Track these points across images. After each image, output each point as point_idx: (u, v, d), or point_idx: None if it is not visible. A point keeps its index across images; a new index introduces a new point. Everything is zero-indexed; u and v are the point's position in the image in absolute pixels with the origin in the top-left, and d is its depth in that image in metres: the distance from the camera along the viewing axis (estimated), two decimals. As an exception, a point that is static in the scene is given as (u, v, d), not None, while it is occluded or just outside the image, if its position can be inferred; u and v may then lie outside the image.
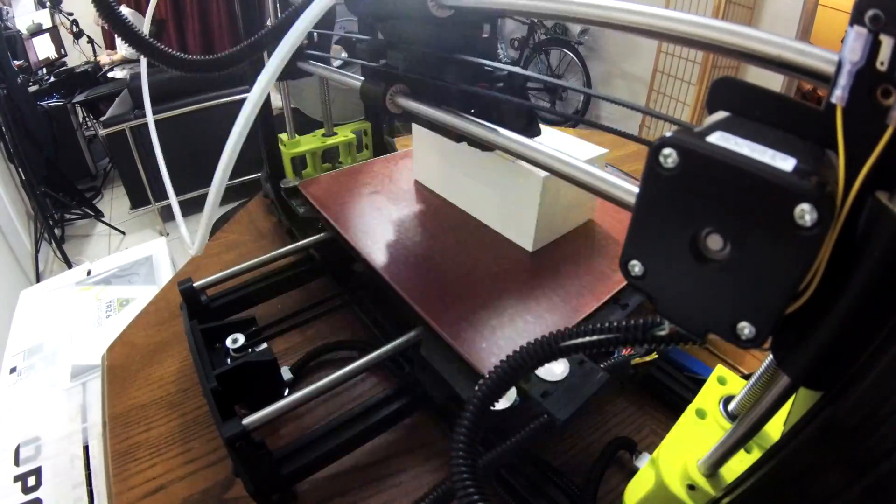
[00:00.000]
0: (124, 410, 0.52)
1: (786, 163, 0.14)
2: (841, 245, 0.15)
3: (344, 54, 0.70)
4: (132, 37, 0.37)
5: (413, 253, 0.52)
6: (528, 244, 0.53)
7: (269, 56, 0.31)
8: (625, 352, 0.41)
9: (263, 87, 0.30)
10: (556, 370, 0.36)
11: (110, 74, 2.72)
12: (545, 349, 0.23)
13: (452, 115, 0.36)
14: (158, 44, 0.40)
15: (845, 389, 0.16)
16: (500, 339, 0.41)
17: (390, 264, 0.50)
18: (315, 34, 0.61)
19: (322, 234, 0.59)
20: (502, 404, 0.35)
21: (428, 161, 0.64)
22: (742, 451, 0.25)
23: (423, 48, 0.40)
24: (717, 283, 0.17)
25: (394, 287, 0.47)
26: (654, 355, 0.41)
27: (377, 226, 0.56)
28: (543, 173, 0.46)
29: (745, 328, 0.16)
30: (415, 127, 0.60)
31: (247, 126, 0.30)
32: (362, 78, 0.49)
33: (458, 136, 0.38)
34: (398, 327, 0.49)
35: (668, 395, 0.47)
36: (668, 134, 0.16)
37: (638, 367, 0.41)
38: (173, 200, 0.44)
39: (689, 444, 0.28)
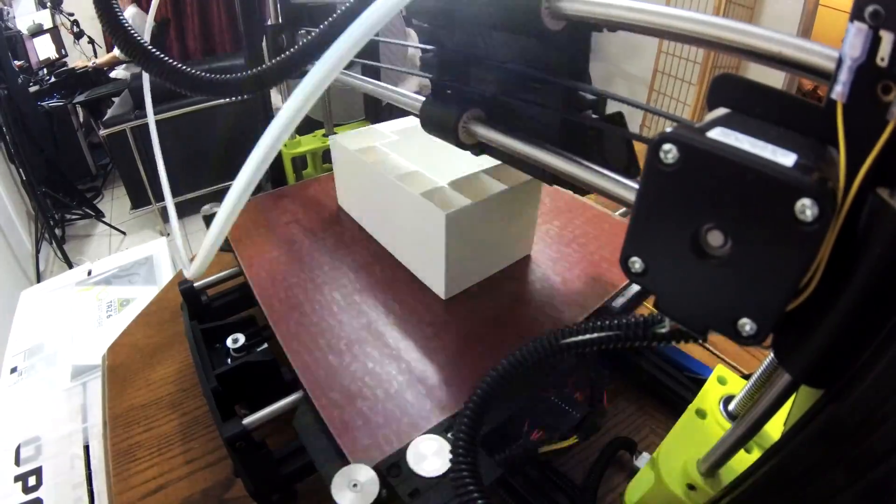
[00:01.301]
0: (124, 410, 0.52)
1: (787, 158, 0.14)
2: (842, 242, 0.15)
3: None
4: (143, 57, 0.31)
5: (313, 300, 0.46)
6: (440, 290, 0.46)
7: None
8: (534, 436, 0.36)
9: (292, 114, 0.21)
10: (432, 464, 0.30)
11: (112, 74, 2.72)
12: (546, 347, 0.23)
13: (546, 150, 0.30)
14: (180, 65, 0.33)
15: (846, 387, 0.16)
16: (380, 416, 0.35)
17: (284, 312, 0.45)
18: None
19: (235, 269, 0.55)
20: (365, 500, 0.29)
21: (348, 188, 0.59)
22: (742, 451, 0.25)
23: (518, 67, 0.32)
24: (718, 279, 0.16)
25: (279, 339, 0.42)
26: (574, 439, 0.37)
27: (282, 264, 0.51)
28: (446, 209, 0.41)
29: (747, 325, 0.16)
30: (333, 151, 0.55)
31: (265, 162, 0.22)
32: (371, 80, 0.49)
33: (551, 176, 0.31)
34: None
35: (668, 395, 0.47)
36: (669, 129, 0.16)
37: (551, 454, 0.37)
38: (172, 216, 0.41)
39: (689, 444, 0.28)
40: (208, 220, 0.59)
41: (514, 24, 0.29)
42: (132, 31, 0.31)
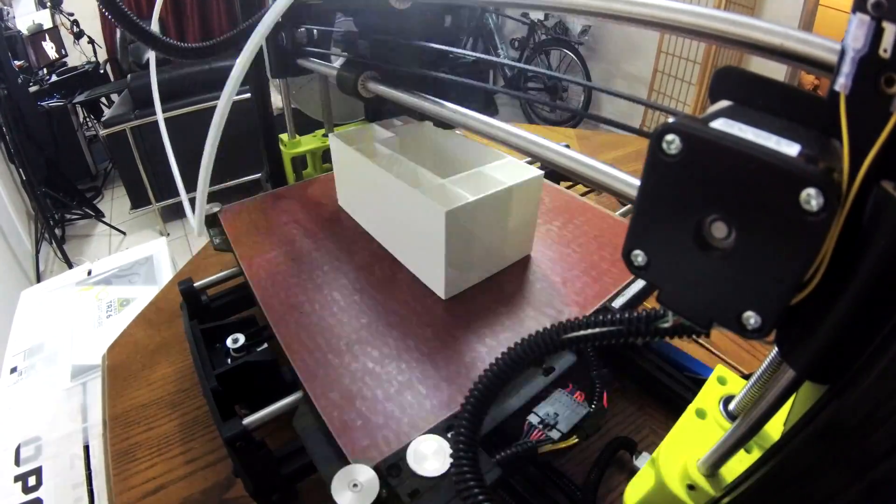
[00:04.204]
0: (124, 410, 0.52)
1: (791, 148, 0.14)
2: (846, 236, 0.15)
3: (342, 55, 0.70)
4: (129, 23, 0.42)
5: (313, 299, 0.46)
6: (439, 290, 0.45)
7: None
8: (534, 436, 0.36)
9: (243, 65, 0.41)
10: (433, 464, 0.30)
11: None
12: (547, 342, 0.23)
13: (417, 97, 0.40)
14: (151, 30, 0.44)
15: (850, 384, 0.16)
16: (379, 416, 0.35)
17: (283, 312, 0.45)
18: (315, 32, 0.61)
19: (235, 269, 0.55)
20: (366, 498, 0.29)
21: (348, 188, 0.59)
22: (742, 451, 0.25)
23: (387, 37, 0.44)
24: (722, 271, 0.16)
25: (279, 339, 0.42)
26: (575, 439, 0.36)
27: (281, 264, 0.51)
28: (447, 206, 0.41)
29: (751, 318, 0.16)
30: (333, 149, 0.57)
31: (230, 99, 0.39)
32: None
33: (420, 115, 0.41)
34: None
35: (668, 395, 0.47)
36: (672, 120, 0.16)
37: (551, 454, 0.36)
38: (181, 187, 0.46)
39: (689, 444, 0.28)
40: (208, 219, 0.59)
41: (376, 6, 0.43)
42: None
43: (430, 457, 0.31)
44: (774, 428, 0.26)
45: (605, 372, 0.41)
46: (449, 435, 0.32)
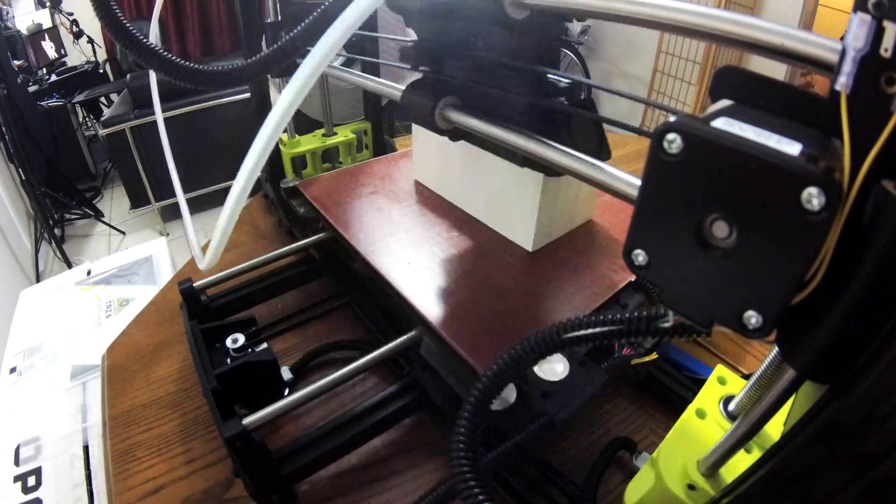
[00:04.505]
0: (124, 410, 0.52)
1: (792, 147, 0.14)
2: (846, 235, 0.15)
3: (342, 56, 0.70)
4: (142, 50, 0.31)
5: (412, 253, 0.51)
6: (527, 244, 0.52)
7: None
8: (624, 351, 0.41)
9: (288, 106, 0.22)
10: (556, 369, 0.36)
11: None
12: (547, 342, 0.23)
13: (517, 133, 0.31)
14: (174, 57, 0.34)
15: (850, 383, 0.16)
16: (498, 339, 0.40)
17: (389, 265, 0.50)
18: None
19: (322, 234, 0.59)
20: (502, 404, 0.35)
21: (427, 161, 0.63)
22: (742, 451, 0.25)
23: (488, 55, 0.34)
24: (723, 271, 0.16)
25: (393, 286, 0.47)
26: (654, 355, 0.41)
27: (376, 226, 0.56)
28: (542, 174, 0.46)
29: (752, 317, 0.16)
30: (415, 127, 0.60)
31: (266, 152, 0.23)
32: (368, 76, 0.49)
33: (522, 158, 0.36)
34: (397, 327, 0.49)
35: (668, 395, 0.47)
36: (673, 119, 0.16)
37: (638, 367, 0.41)
38: (181, 201, 0.43)
39: (689, 444, 0.28)
40: (288, 191, 0.64)
41: (480, 14, 0.31)
42: (134, 31, 0.31)
43: (552, 364, 0.36)
44: (774, 428, 0.26)
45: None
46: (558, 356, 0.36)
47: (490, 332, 0.41)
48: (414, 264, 0.50)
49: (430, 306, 0.44)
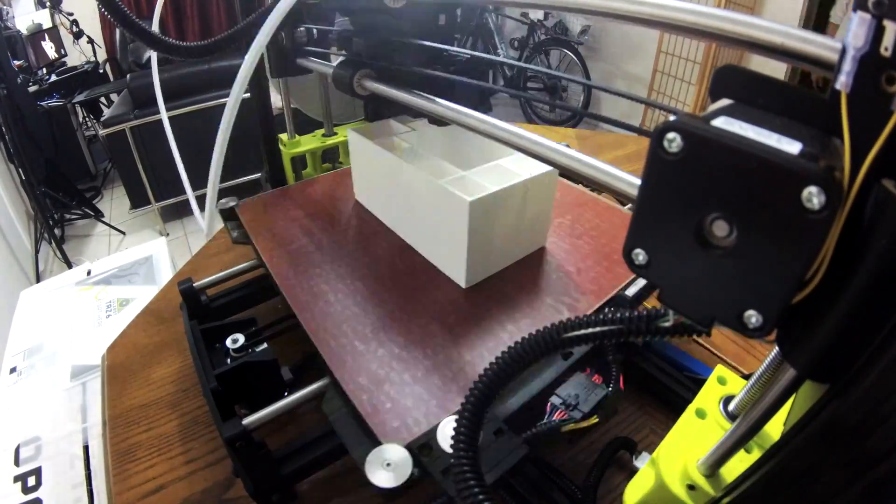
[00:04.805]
0: (124, 410, 0.52)
1: (792, 146, 0.14)
2: (847, 234, 0.15)
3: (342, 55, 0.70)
4: (129, 23, 0.41)
5: (336, 289, 0.47)
6: (460, 279, 0.47)
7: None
8: (557, 415, 0.38)
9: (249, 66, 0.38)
10: None
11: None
12: (547, 341, 0.23)
13: (413, 94, 0.39)
14: (163, 37, 0.45)
15: (851, 383, 0.16)
16: (408, 398, 0.36)
17: (307, 301, 0.46)
18: (315, 31, 0.61)
19: (253, 261, 0.56)
20: (397, 480, 0.30)
21: (365, 181, 0.59)
22: (742, 451, 0.25)
23: (381, 35, 0.45)
24: (723, 270, 0.16)
25: (305, 327, 0.43)
26: (594, 419, 0.38)
27: (304, 255, 0.52)
28: (470, 196, 0.42)
29: (753, 317, 0.16)
30: (351, 143, 0.58)
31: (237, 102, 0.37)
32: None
33: (416, 113, 0.43)
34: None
35: (668, 395, 0.47)
36: (673, 118, 0.16)
37: (573, 432, 0.38)
38: (187, 185, 0.46)
39: (689, 444, 0.28)
40: (224, 213, 0.60)
41: (371, 4, 0.43)
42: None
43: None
44: (774, 428, 0.26)
45: (620, 356, 0.44)
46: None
47: (398, 391, 0.37)
48: (334, 303, 0.45)
49: (339, 356, 0.40)
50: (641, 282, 0.45)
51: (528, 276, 0.48)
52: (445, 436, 0.32)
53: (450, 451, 0.29)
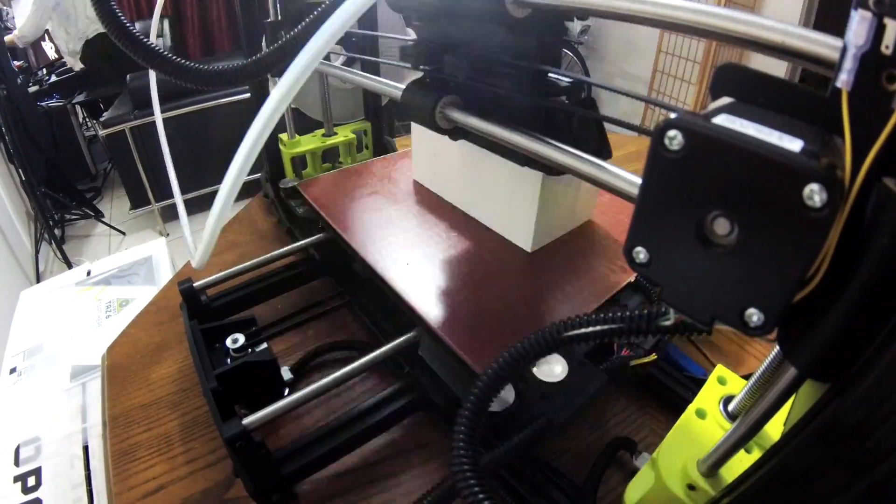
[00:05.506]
0: (124, 410, 0.51)
1: (793, 144, 0.14)
2: (848, 233, 0.15)
3: (342, 56, 0.70)
4: (145, 52, 0.32)
5: (411, 254, 0.51)
6: (526, 245, 0.52)
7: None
8: (624, 352, 0.40)
9: (279, 100, 0.23)
10: (555, 370, 0.35)
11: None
12: (547, 340, 0.23)
13: (518, 132, 0.31)
14: (173, 56, 0.34)
15: (852, 382, 0.16)
16: (497, 339, 0.40)
17: (388, 265, 0.49)
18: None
19: (321, 235, 0.59)
20: (500, 405, 0.35)
21: (427, 161, 0.63)
22: (742, 451, 0.25)
23: (490, 53, 0.34)
24: (725, 268, 0.16)
25: (392, 287, 0.46)
26: (654, 356, 0.40)
27: (375, 227, 0.56)
28: (541, 173, 0.46)
29: (754, 315, 0.16)
30: (414, 126, 0.60)
31: (257, 145, 0.24)
32: (368, 75, 0.49)
33: (523, 157, 0.35)
34: (397, 327, 0.49)
35: (668, 395, 0.47)
36: (674, 116, 0.16)
37: (637, 368, 0.41)
38: (179, 204, 0.43)
39: (689, 444, 0.28)
40: (287, 191, 0.64)
41: (481, 13, 0.31)
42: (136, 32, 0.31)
43: (551, 364, 0.36)
44: (774, 428, 0.26)
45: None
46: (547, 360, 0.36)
47: (489, 334, 0.41)
48: (412, 265, 0.50)
49: (429, 307, 0.44)
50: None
51: (580, 244, 0.54)
52: (537, 367, 0.36)
53: (544, 379, 0.34)
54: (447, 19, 0.36)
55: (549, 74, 0.33)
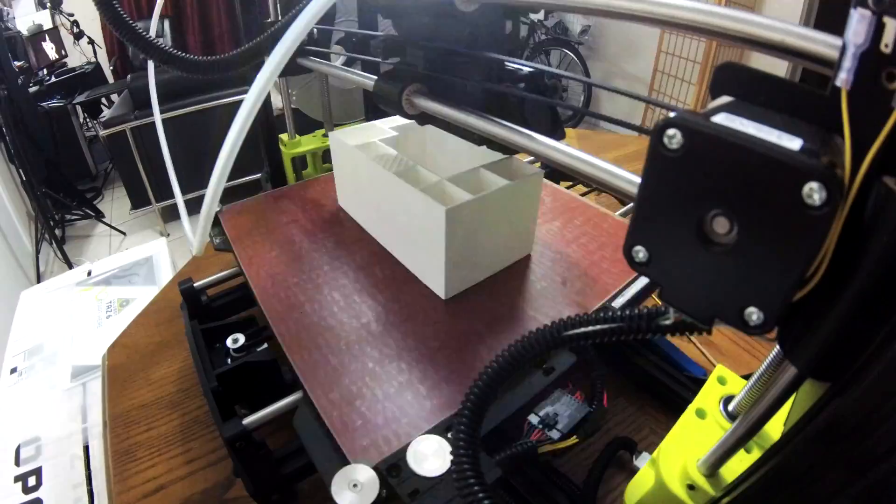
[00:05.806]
0: (124, 410, 0.52)
1: (793, 142, 0.14)
2: (848, 232, 0.15)
3: (342, 56, 0.70)
4: (139, 41, 0.36)
5: (313, 299, 0.46)
6: (440, 290, 0.45)
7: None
8: (534, 436, 0.37)
9: (261, 89, 0.27)
10: (432, 464, 0.30)
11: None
12: (548, 339, 0.23)
13: (475, 115, 0.33)
14: (169, 47, 0.38)
15: (852, 381, 0.16)
16: (380, 416, 0.35)
17: (280, 312, 0.45)
18: (315, 31, 0.61)
19: (235, 269, 0.55)
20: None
21: (348, 187, 0.58)
22: (742, 451, 0.25)
23: (445, 45, 0.37)
24: (724, 267, 0.16)
25: (278, 339, 0.42)
26: (574, 439, 0.37)
27: (282, 263, 0.51)
28: (447, 204, 0.41)
29: (754, 314, 0.16)
30: (333, 148, 0.56)
31: (244, 129, 0.27)
32: (368, 75, 0.49)
33: (479, 138, 0.36)
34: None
35: (668, 395, 0.47)
36: (673, 114, 0.16)
37: (551, 454, 0.37)
38: (179, 199, 0.43)
39: (689, 444, 0.28)
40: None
41: (436, 7, 0.36)
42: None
43: (431, 457, 0.31)
44: (774, 428, 0.26)
45: (605, 372, 0.42)
46: (449, 435, 0.32)
47: (370, 409, 0.36)
48: (310, 314, 0.44)
49: (310, 369, 0.39)
50: (629, 292, 0.45)
51: (511, 287, 0.46)
52: (416, 455, 0.31)
53: (421, 473, 0.29)
54: (406, 16, 0.40)
55: (507, 64, 0.36)
